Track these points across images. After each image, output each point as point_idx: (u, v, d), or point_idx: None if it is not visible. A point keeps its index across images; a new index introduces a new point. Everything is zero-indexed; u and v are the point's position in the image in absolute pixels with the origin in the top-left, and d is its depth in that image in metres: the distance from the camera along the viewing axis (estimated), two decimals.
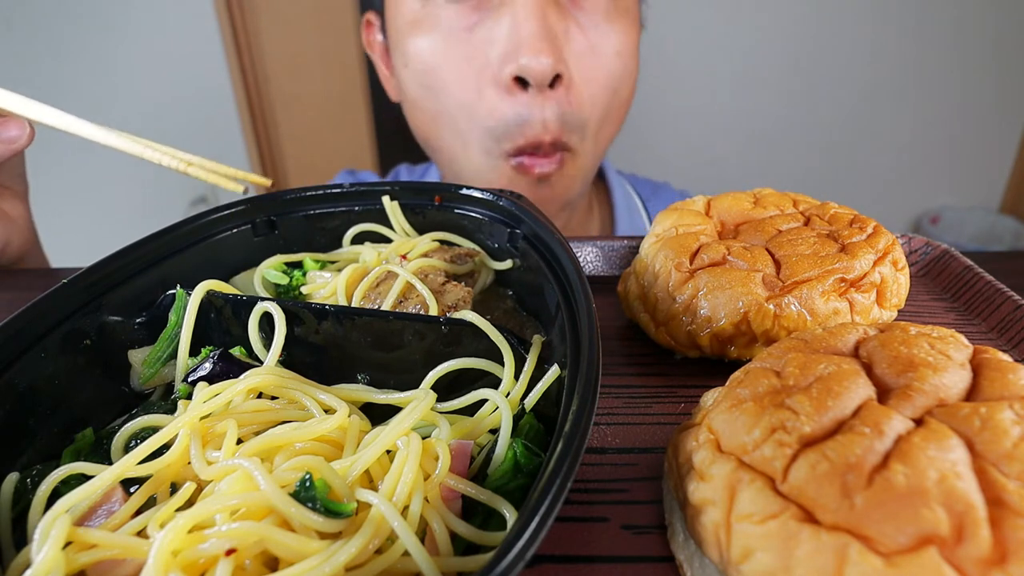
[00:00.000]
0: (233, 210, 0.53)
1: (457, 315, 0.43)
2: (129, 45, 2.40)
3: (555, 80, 0.77)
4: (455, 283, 0.50)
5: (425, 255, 0.52)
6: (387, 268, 0.50)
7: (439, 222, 0.57)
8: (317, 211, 0.56)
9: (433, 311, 0.46)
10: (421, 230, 0.57)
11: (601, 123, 0.85)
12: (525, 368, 0.41)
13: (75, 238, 1.63)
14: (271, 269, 0.52)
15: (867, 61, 2.62)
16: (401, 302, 0.48)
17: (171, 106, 2.55)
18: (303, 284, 0.52)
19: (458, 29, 0.78)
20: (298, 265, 0.55)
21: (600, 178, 1.11)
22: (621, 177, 1.13)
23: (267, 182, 0.59)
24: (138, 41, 2.41)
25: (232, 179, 0.55)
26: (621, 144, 1.06)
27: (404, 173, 1.19)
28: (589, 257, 0.67)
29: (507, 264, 0.54)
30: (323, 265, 0.54)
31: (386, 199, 0.56)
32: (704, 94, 2.66)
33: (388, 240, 0.56)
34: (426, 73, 0.81)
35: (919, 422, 0.29)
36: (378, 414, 0.40)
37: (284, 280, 0.52)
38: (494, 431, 0.39)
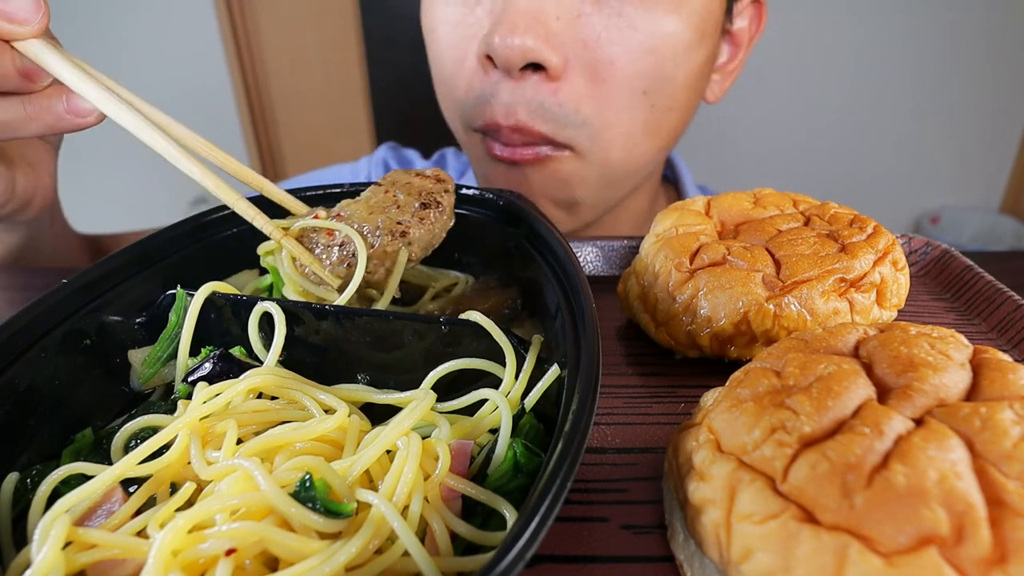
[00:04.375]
0: (233, 210, 0.53)
1: (462, 315, 0.43)
2: (129, 44, 2.40)
3: (536, 68, 0.66)
4: (427, 209, 0.46)
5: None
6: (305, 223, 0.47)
7: None
8: None
9: (362, 253, 0.44)
10: None
11: (627, 131, 0.72)
12: (524, 368, 0.41)
13: None
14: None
15: (867, 61, 2.62)
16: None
17: (171, 105, 2.54)
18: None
19: None
20: None
21: (676, 186, 1.03)
22: (698, 190, 1.04)
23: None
24: (138, 40, 2.41)
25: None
26: None
27: (451, 157, 1.10)
28: (589, 257, 0.67)
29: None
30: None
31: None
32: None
33: None
34: (427, 34, 0.76)
35: (919, 422, 0.29)
36: (378, 414, 0.40)
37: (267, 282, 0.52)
38: (494, 431, 0.39)
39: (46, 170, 0.62)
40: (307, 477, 0.31)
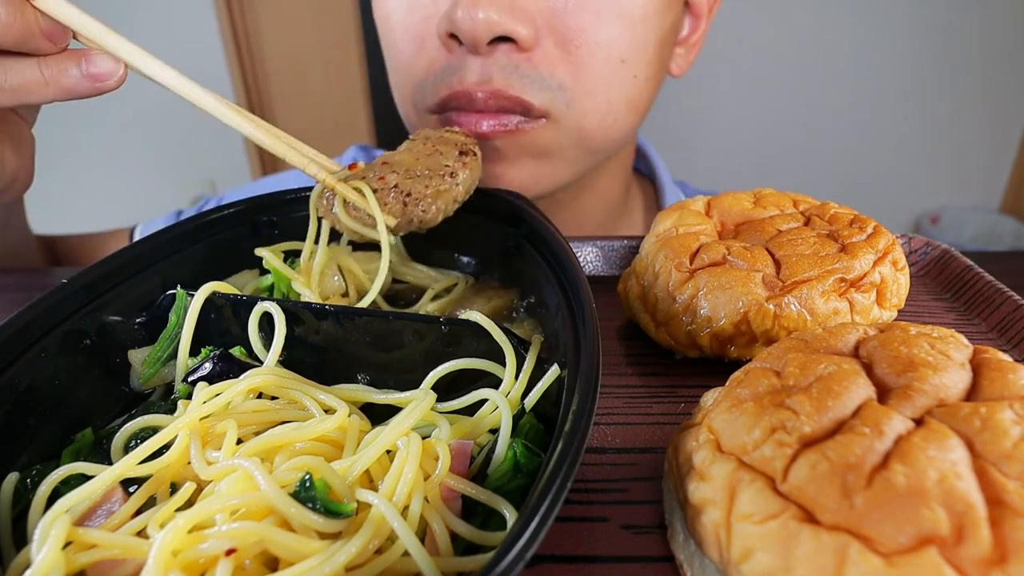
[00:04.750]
0: (233, 210, 0.53)
1: (463, 315, 0.43)
2: None
3: (504, 41, 0.64)
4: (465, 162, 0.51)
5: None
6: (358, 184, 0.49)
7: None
8: None
9: (379, 219, 0.47)
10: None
11: (608, 100, 0.69)
12: (524, 368, 0.41)
13: None
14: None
15: (868, 61, 2.62)
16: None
17: (171, 105, 2.55)
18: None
19: None
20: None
21: (651, 181, 1.00)
22: (676, 186, 1.01)
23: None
24: (138, 40, 2.41)
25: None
26: None
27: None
28: (589, 257, 0.67)
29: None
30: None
31: None
32: (705, 94, 2.66)
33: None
34: (380, 24, 0.73)
35: (919, 422, 0.29)
36: (378, 414, 0.40)
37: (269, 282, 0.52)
38: (494, 431, 0.39)
39: (29, 150, 0.60)
40: (307, 477, 0.31)
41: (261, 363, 0.43)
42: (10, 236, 0.77)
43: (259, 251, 0.51)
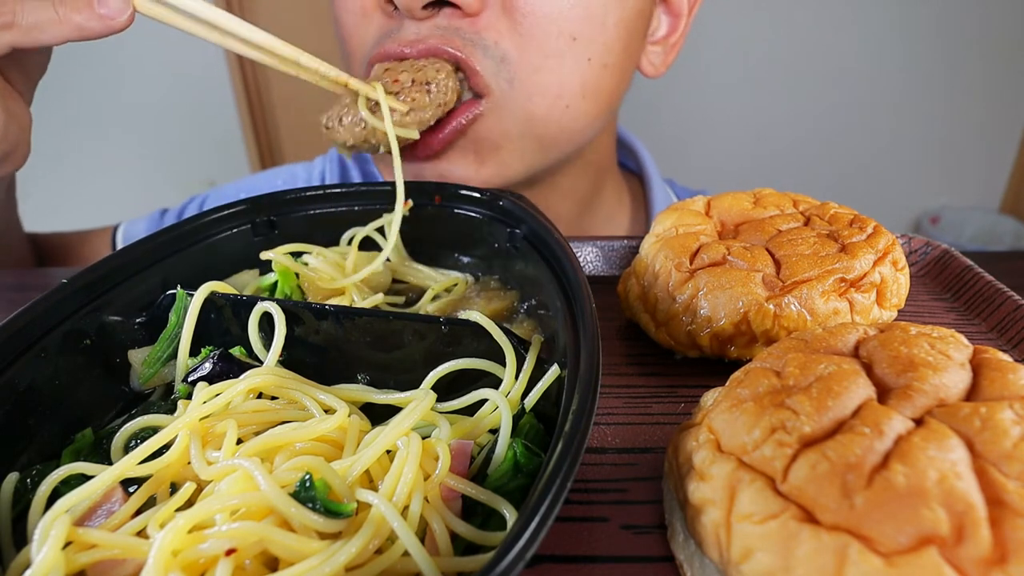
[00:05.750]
0: (233, 210, 0.53)
1: (463, 315, 0.43)
2: (130, 44, 2.40)
3: (445, 5, 0.61)
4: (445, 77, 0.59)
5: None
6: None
7: (438, 222, 0.57)
8: (317, 211, 0.56)
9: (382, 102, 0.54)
10: (418, 232, 0.57)
11: (558, 81, 0.65)
12: (524, 368, 0.41)
13: None
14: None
15: (868, 61, 2.62)
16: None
17: (171, 106, 2.55)
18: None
19: None
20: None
21: (637, 178, 0.98)
22: (665, 184, 0.97)
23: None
24: (139, 41, 2.41)
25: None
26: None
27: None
28: (589, 257, 0.67)
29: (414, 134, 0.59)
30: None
31: (388, 216, 0.56)
32: (704, 93, 2.66)
33: (379, 247, 0.56)
34: (332, 4, 0.70)
35: (919, 422, 0.29)
36: (378, 414, 0.41)
37: (271, 281, 0.52)
38: (494, 431, 0.39)
39: (28, 123, 0.58)
40: (307, 477, 0.31)
41: (261, 363, 0.43)
42: (2, 218, 0.76)
43: (264, 254, 0.51)
